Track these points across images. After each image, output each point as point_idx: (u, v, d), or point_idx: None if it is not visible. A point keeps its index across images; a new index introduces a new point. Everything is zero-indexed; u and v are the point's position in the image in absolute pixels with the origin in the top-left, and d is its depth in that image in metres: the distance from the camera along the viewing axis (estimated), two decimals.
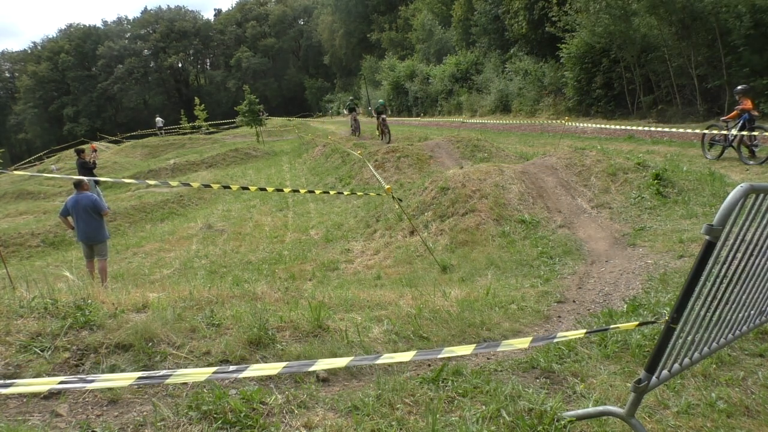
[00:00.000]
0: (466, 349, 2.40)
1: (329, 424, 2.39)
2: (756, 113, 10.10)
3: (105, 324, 3.13)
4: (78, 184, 7.76)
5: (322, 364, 2.24)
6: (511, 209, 8.29)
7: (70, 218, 7.72)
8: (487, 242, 7.56)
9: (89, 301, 3.42)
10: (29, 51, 76.45)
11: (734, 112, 10.09)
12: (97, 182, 12.78)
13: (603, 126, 16.29)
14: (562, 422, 2.40)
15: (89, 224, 7.59)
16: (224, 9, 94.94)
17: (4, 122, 72.65)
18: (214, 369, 2.10)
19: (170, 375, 1.91)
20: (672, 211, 7.46)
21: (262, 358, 3.09)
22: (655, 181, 8.25)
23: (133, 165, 25.74)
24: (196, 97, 42.21)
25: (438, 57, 39.26)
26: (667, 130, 13.37)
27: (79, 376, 2.51)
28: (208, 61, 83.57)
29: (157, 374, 1.97)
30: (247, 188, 7.01)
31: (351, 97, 24.40)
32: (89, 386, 1.69)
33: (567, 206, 8.34)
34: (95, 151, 14.24)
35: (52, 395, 2.56)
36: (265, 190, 7.47)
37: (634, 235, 6.75)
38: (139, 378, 1.89)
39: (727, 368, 3.07)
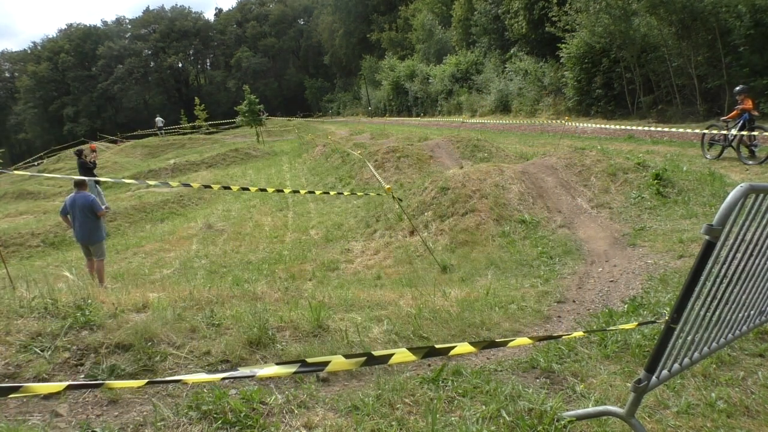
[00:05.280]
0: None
1: (329, 424, 2.39)
2: (756, 113, 10.11)
3: (105, 324, 3.13)
4: (79, 184, 7.71)
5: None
6: (511, 209, 8.29)
7: (69, 216, 7.69)
8: (487, 242, 7.56)
9: (89, 301, 3.42)
10: (29, 51, 76.40)
11: (734, 112, 10.10)
12: (97, 182, 12.79)
13: (603, 126, 16.28)
14: (562, 422, 2.40)
15: (84, 224, 7.52)
16: (225, 9, 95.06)
17: (4, 122, 72.61)
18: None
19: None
20: (672, 211, 7.46)
21: (262, 358, 3.10)
22: (655, 181, 8.25)
23: (133, 165, 25.73)
24: (196, 97, 42.21)
25: (438, 57, 39.28)
26: (667, 130, 13.37)
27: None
28: (208, 61, 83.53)
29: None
30: (248, 189, 7.01)
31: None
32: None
33: (567, 206, 8.34)
34: (95, 151, 14.24)
35: (52, 395, 2.56)
36: (265, 190, 7.46)
37: (634, 235, 6.75)
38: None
39: (727, 368, 3.07)
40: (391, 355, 2.36)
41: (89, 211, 7.49)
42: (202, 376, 1.96)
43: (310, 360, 1.90)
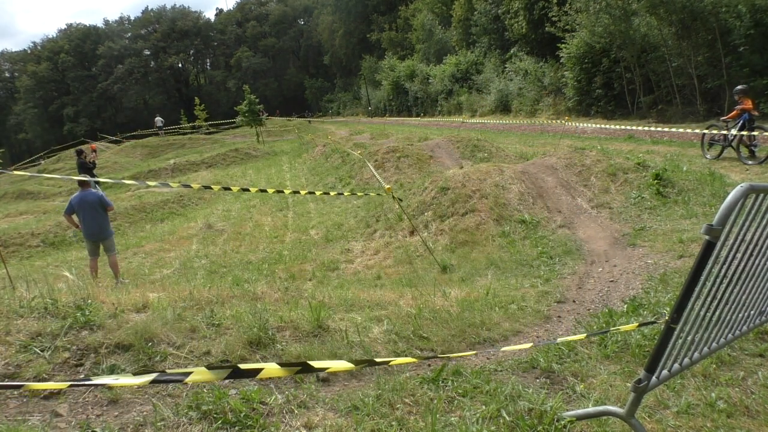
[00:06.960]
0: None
1: (329, 424, 2.40)
2: (756, 113, 10.11)
3: (105, 324, 3.13)
4: (83, 182, 7.88)
5: None
6: (511, 209, 8.29)
7: (74, 216, 7.76)
8: (487, 242, 7.56)
9: (89, 301, 3.42)
10: (29, 51, 76.36)
11: (734, 112, 10.10)
12: (97, 182, 12.79)
13: (603, 126, 16.29)
14: (562, 422, 2.40)
15: (96, 220, 7.71)
16: (225, 9, 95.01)
17: (4, 122, 72.59)
18: None
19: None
20: (672, 211, 7.46)
21: (262, 358, 3.10)
22: (655, 181, 8.25)
23: (133, 165, 25.75)
24: (196, 97, 42.25)
25: (438, 57, 39.30)
26: (667, 130, 13.37)
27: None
28: (208, 61, 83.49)
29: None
30: (248, 190, 7.01)
31: None
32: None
33: (567, 206, 8.34)
34: (95, 151, 14.25)
35: (52, 395, 2.56)
36: (265, 191, 7.46)
37: (634, 235, 6.75)
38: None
39: (727, 368, 3.07)
40: (390, 361, 2.36)
41: (99, 207, 7.74)
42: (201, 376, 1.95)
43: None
